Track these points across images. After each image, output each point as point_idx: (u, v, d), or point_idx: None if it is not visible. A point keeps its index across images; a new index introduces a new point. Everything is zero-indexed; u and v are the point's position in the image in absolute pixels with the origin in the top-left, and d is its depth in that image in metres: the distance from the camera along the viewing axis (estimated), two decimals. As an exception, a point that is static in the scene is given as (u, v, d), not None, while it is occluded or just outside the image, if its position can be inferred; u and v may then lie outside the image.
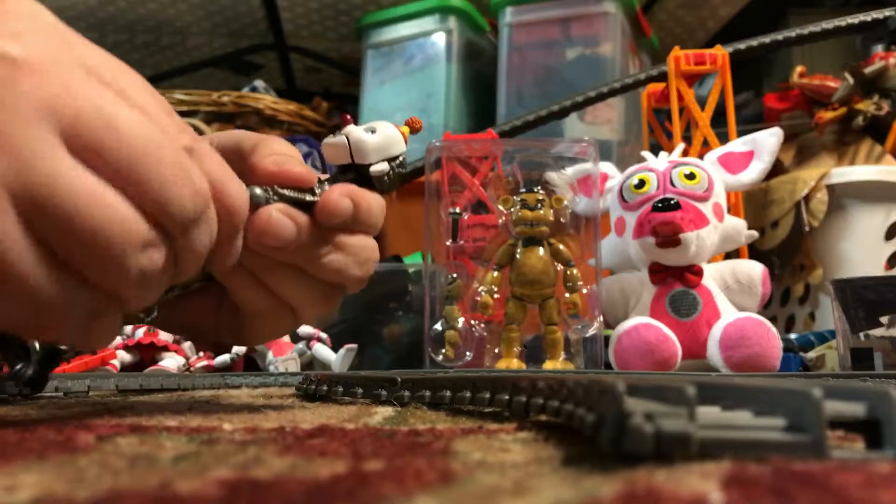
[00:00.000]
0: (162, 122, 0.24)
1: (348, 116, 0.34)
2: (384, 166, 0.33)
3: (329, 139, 0.33)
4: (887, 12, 0.81)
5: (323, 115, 1.15)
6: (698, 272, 0.62)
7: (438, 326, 0.61)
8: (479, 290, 0.61)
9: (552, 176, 0.63)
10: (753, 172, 0.65)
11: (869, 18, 0.82)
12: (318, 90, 1.32)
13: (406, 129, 0.35)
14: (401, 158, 0.34)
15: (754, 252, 0.80)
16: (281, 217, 0.29)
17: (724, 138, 0.73)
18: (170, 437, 0.23)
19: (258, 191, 0.29)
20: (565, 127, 0.98)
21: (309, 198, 0.31)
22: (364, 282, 0.34)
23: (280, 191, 0.30)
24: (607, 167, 0.69)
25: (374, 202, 0.32)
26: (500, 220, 0.62)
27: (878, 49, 0.96)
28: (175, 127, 0.25)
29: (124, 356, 0.60)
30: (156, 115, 0.24)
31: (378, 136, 0.33)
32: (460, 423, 0.27)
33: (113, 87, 0.24)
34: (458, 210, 0.64)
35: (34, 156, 0.21)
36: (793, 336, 0.72)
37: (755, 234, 0.67)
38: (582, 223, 0.63)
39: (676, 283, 0.62)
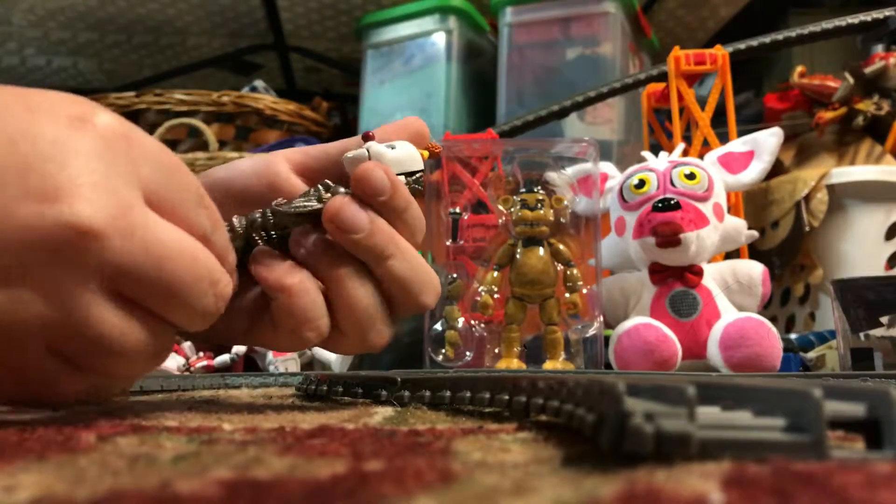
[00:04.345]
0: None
1: (371, 133, 0.34)
2: (402, 180, 0.33)
3: (350, 152, 0.34)
4: (887, 12, 0.81)
5: (323, 116, 1.15)
6: (698, 272, 0.62)
7: (438, 326, 0.61)
8: (479, 290, 0.61)
9: (552, 176, 0.63)
10: (753, 172, 0.65)
11: (869, 18, 0.82)
12: (318, 90, 1.32)
13: (425, 153, 0.35)
14: (418, 175, 0.34)
15: (754, 252, 0.80)
16: (351, 205, 0.30)
17: (724, 138, 0.73)
18: (170, 437, 0.23)
19: (256, 215, 0.31)
20: (565, 127, 0.98)
21: (315, 205, 0.31)
22: (420, 307, 0.33)
23: (276, 208, 0.32)
24: (607, 167, 0.69)
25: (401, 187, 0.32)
26: (500, 220, 0.62)
27: (878, 49, 0.96)
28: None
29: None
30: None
31: (397, 151, 0.34)
32: (460, 423, 0.27)
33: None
34: (458, 210, 0.64)
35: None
36: (793, 336, 0.72)
37: (755, 234, 0.67)
38: (582, 223, 0.63)
39: (676, 283, 0.62)
